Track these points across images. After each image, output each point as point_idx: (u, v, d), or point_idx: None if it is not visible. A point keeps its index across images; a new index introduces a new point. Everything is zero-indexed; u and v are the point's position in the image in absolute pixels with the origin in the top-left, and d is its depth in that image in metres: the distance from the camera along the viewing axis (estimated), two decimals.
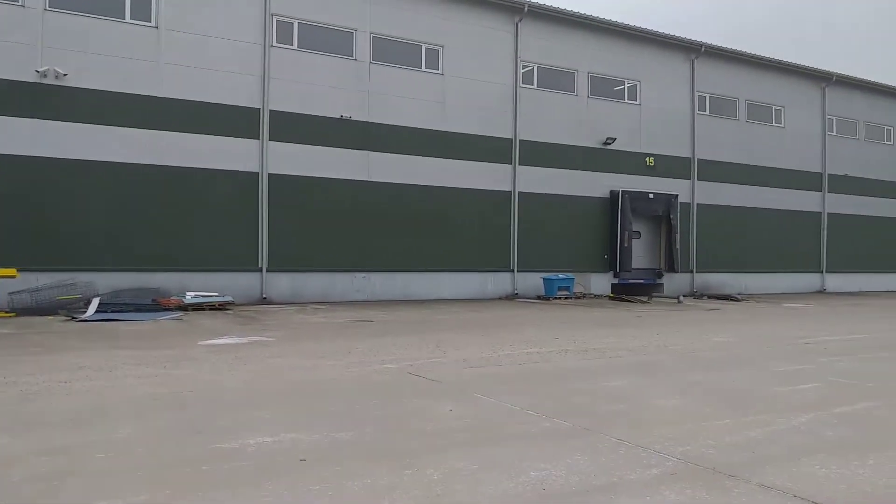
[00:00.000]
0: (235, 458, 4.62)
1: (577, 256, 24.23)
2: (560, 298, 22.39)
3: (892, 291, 31.37)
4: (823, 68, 29.87)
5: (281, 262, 18.92)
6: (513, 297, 22.79)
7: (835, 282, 30.32)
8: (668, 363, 8.97)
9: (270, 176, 18.97)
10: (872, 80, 31.68)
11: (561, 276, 22.91)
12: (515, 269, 23.03)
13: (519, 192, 23.10)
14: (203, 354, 9.24)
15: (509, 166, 22.99)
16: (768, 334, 12.81)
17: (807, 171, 29.68)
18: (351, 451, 4.84)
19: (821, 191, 30.09)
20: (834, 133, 30.65)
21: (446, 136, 21.73)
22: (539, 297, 22.66)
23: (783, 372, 8.28)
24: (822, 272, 30.14)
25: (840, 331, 13.54)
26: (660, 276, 26.08)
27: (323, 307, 17.50)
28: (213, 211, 18.16)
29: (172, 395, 6.64)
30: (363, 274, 20.10)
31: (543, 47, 23.57)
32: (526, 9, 22.64)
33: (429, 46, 21.58)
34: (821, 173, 30.10)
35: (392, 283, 20.66)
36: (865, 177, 31.38)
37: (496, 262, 22.76)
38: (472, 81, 22.21)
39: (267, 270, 18.69)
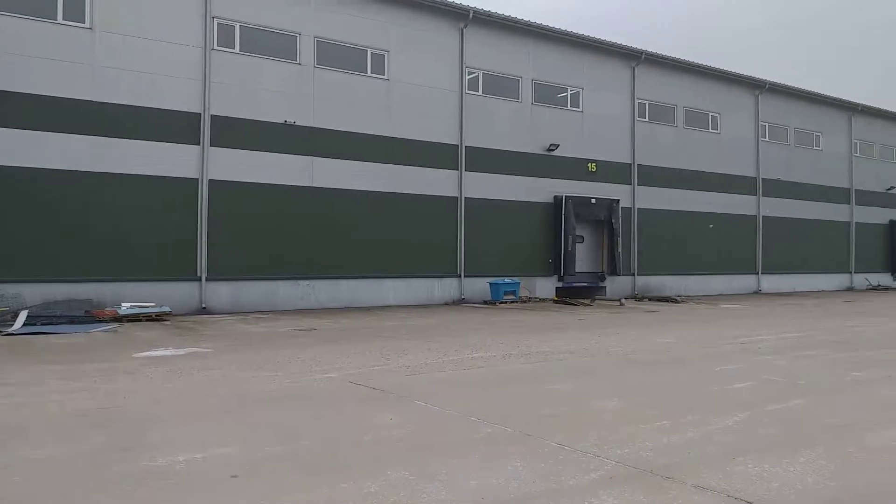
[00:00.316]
0: (162, 476, 4.41)
1: (523, 261, 24.41)
2: (506, 303, 22.50)
3: (822, 291, 32.63)
4: (757, 76, 30.94)
5: (221, 271, 18.43)
6: (460, 302, 22.77)
7: (769, 282, 31.37)
8: (609, 365, 9.05)
9: (211, 182, 18.48)
10: (802, 87, 32.98)
11: (507, 280, 23.04)
12: (462, 275, 23.03)
13: (465, 198, 23.12)
14: (137, 367, 8.87)
15: (455, 172, 23.00)
16: (706, 335, 13.11)
17: (742, 176, 30.66)
18: (286, 465, 4.68)
19: (755, 195, 31.12)
20: (767, 139, 31.75)
21: (392, 141, 21.60)
22: (485, 302, 22.72)
23: (719, 372, 8.45)
24: (757, 273, 31.14)
25: (773, 330, 13.95)
26: (602, 279, 26.50)
27: (265, 316, 17.12)
28: (150, 218, 17.56)
29: (101, 410, 6.33)
30: (307, 281, 19.76)
31: (489, 54, 23.70)
32: (471, 15, 22.72)
33: (374, 51, 21.43)
34: (755, 178, 31.13)
35: (337, 291, 20.37)
36: (796, 181, 32.60)
37: (443, 268, 22.72)
38: (418, 87, 22.15)
39: (206, 279, 18.17)
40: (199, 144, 18.33)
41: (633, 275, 27.22)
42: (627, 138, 27.11)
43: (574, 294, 25.11)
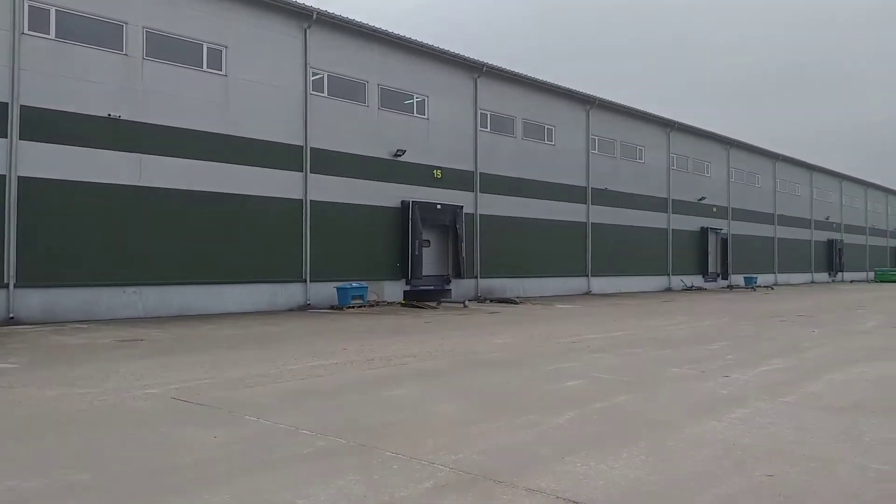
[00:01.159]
0: None
1: (371, 265, 24.15)
2: (354, 307, 22.11)
3: (644, 292, 35.43)
4: (588, 92, 32.98)
5: (33, 277, 16.45)
6: (305, 308, 22.06)
7: (598, 284, 33.51)
8: (450, 368, 9.03)
9: (21, 180, 16.45)
10: (627, 104, 35.64)
11: (354, 284, 22.66)
12: (308, 280, 22.33)
13: (311, 201, 22.46)
14: None
15: (300, 174, 22.29)
16: (542, 334, 13.59)
17: (574, 185, 32.52)
18: (88, 496, 4.08)
19: (585, 203, 33.13)
20: (596, 151, 33.95)
21: (232, 140, 20.50)
22: (333, 307, 22.19)
23: (553, 370, 8.71)
24: (587, 276, 33.14)
25: (602, 329, 14.78)
26: (448, 282, 26.91)
27: (86, 326, 15.49)
28: None
29: None
30: (134, 288, 18.16)
31: (334, 56, 23.24)
32: (315, 16, 22.15)
33: (211, 46, 20.21)
34: (585, 187, 33.15)
35: (169, 298, 18.91)
36: (621, 191, 35.17)
37: (287, 273, 21.88)
38: (259, 85, 21.20)
39: (15, 286, 16.13)
40: (6, 138, 16.27)
41: (477, 278, 27.90)
42: (471, 147, 27.77)
43: (421, 297, 25.27)
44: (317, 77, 22.86)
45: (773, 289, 41.82)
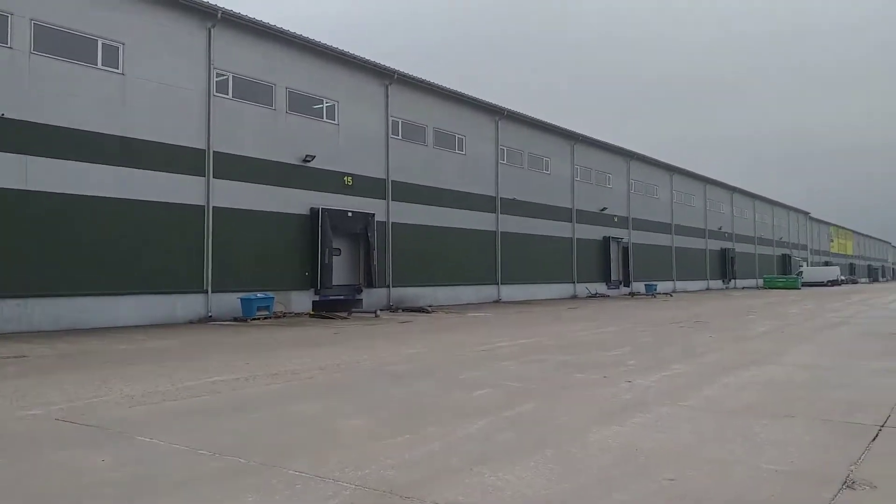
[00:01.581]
0: None
1: (279, 274, 23.50)
2: (259, 319, 21.41)
3: (552, 299, 36.32)
4: (497, 103, 33.56)
5: None
6: (207, 320, 21.17)
7: (508, 292, 34.08)
8: (359, 380, 8.85)
9: None
10: (534, 116, 36.54)
11: (260, 295, 21.96)
12: (210, 290, 21.45)
13: (214, 207, 21.63)
14: None
15: (202, 178, 21.42)
16: (453, 343, 13.61)
17: (484, 195, 32.97)
18: None
19: (495, 212, 33.65)
20: (505, 161, 34.59)
21: (129, 142, 19.47)
22: (237, 319, 21.40)
23: (463, 379, 8.69)
24: (498, 284, 33.63)
25: (511, 336, 14.96)
26: (360, 291, 26.58)
27: None
28: None
29: None
30: (18, 300, 16.85)
31: (240, 57, 22.55)
32: (219, 15, 21.42)
33: (107, 42, 19.15)
34: (495, 196, 33.68)
35: (58, 311, 17.67)
36: (529, 200, 35.97)
37: (187, 283, 20.94)
38: (159, 85, 20.26)
39: None
40: None
41: (389, 287, 27.71)
42: (382, 154, 27.62)
43: (331, 307, 24.82)
44: (221, 78, 22.10)
45: (671, 296, 43.89)
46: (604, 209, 42.84)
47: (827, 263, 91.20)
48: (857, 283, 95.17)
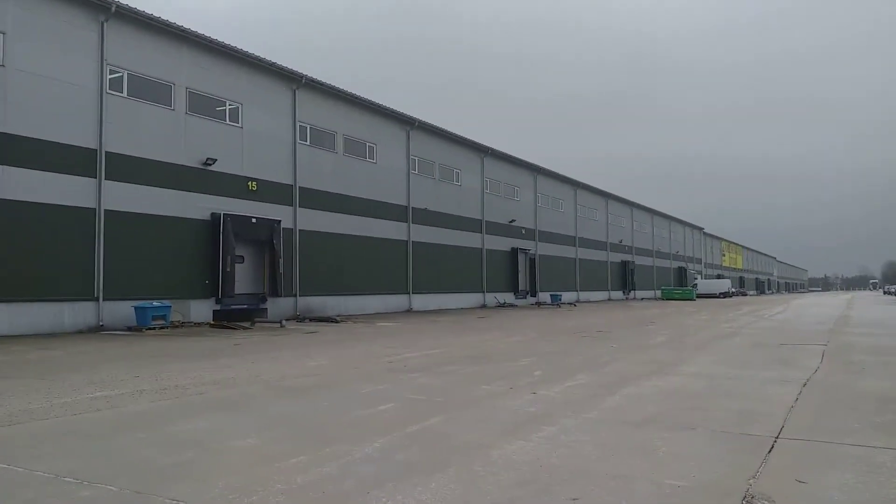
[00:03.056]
0: None
1: (176, 282, 22.30)
2: (155, 329, 20.21)
3: (462, 308, 36.42)
4: (408, 114, 33.42)
5: None
6: (97, 329, 19.78)
7: (419, 301, 33.87)
8: (255, 396, 8.32)
9: None
10: (445, 128, 36.68)
11: (156, 303, 20.75)
12: (101, 298, 20.07)
13: (106, 210, 20.30)
14: None
15: (93, 180, 20.06)
16: (359, 354, 13.19)
17: (396, 204, 32.70)
18: None
19: (406, 221, 33.43)
20: (416, 172, 34.47)
21: (8, 138, 17.98)
22: (130, 329, 20.12)
23: (367, 393, 8.34)
24: (409, 293, 33.37)
25: (420, 347, 14.70)
26: (264, 300, 25.63)
27: None
28: None
29: None
30: None
31: (136, 54, 21.33)
32: (113, 9, 20.20)
33: None
34: (406, 206, 33.47)
35: None
36: (440, 211, 35.99)
37: (75, 290, 19.50)
38: (44, 79, 18.84)
39: None
40: None
41: (296, 296, 26.90)
42: (289, 160, 26.86)
43: (234, 317, 23.77)
44: (115, 75, 20.83)
45: (575, 305, 45.06)
46: (512, 221, 43.51)
47: (719, 276, 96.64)
48: (746, 294, 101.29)
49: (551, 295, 46.63)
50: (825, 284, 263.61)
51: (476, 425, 6.53)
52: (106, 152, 20.36)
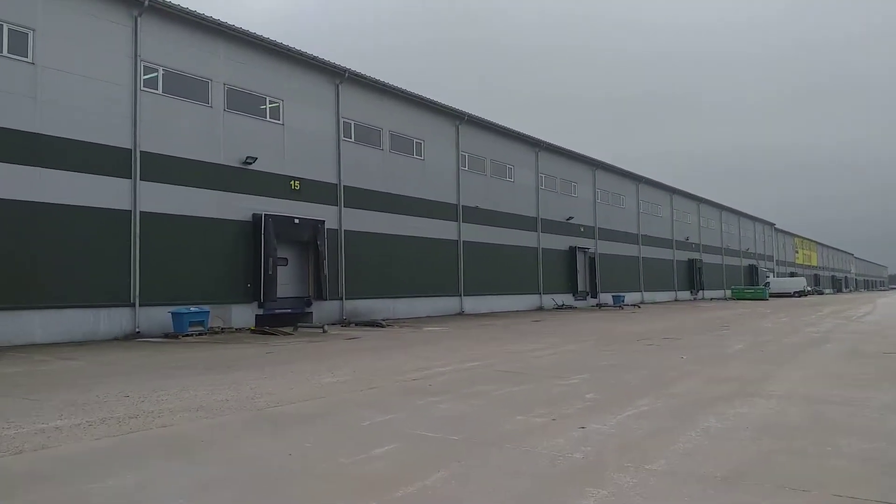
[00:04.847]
0: None
1: (216, 286, 21.18)
2: (192, 335, 19.10)
3: (517, 311, 34.36)
4: (457, 107, 31.63)
5: None
6: (134, 336, 18.80)
7: (471, 304, 32.01)
8: (230, 430, 6.65)
9: None
10: (497, 122, 34.69)
11: (193, 309, 19.63)
12: (138, 303, 19.09)
13: (142, 212, 19.32)
14: None
15: (128, 181, 19.11)
16: (387, 367, 11.47)
17: (445, 203, 30.94)
18: None
19: (456, 220, 31.62)
20: (466, 168, 32.61)
21: (40, 139, 17.16)
22: (167, 335, 19.07)
23: (368, 427, 6.57)
24: (460, 296, 31.56)
25: (457, 357, 12.89)
26: (309, 304, 24.33)
27: None
28: None
29: None
30: None
31: (171, 50, 20.32)
32: (146, 3, 19.18)
33: (13, 27, 16.87)
34: (456, 204, 31.66)
35: None
36: (492, 209, 34.01)
37: (111, 296, 18.56)
38: (77, 77, 17.97)
39: None
40: None
41: (342, 299, 25.50)
42: (333, 157, 25.48)
43: (278, 321, 22.52)
44: (150, 72, 19.84)
45: (639, 307, 42.26)
46: (570, 218, 41.10)
47: (793, 274, 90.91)
48: (822, 293, 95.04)
49: (613, 296, 43.94)
50: None
51: (494, 486, 4.66)
52: (141, 152, 19.40)
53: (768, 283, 71.90)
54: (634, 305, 43.67)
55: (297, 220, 23.63)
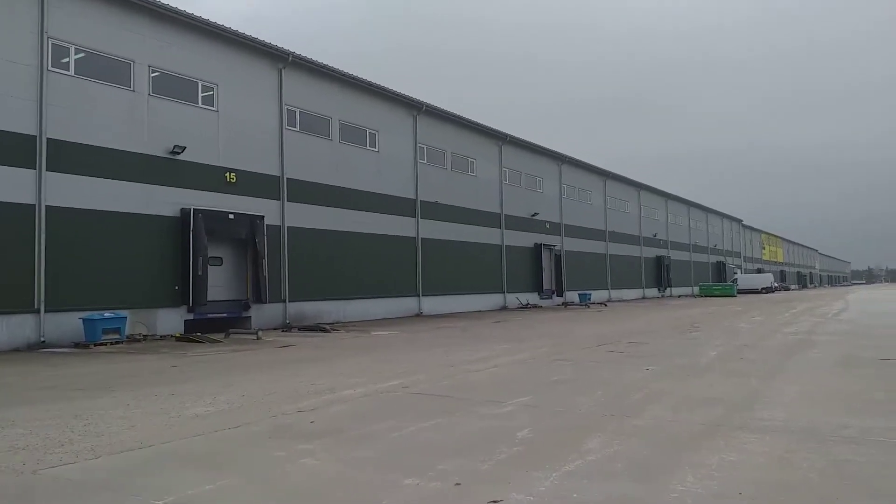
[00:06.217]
0: None
1: (140, 289, 18.67)
2: (106, 344, 16.61)
3: (479, 311, 32.16)
4: (415, 97, 29.37)
5: None
6: (39, 346, 16.26)
7: (430, 304, 29.75)
8: (70, 481, 4.35)
9: None
10: (457, 113, 32.44)
11: (108, 314, 17.13)
12: (43, 309, 16.54)
13: (48, 206, 16.79)
14: None
15: (32, 171, 16.55)
16: (285, 390, 9.13)
17: (402, 197, 28.64)
18: None
19: (415, 216, 29.34)
20: (425, 161, 30.34)
21: None
22: (78, 345, 16.57)
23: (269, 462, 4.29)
24: (418, 296, 29.30)
25: (382, 373, 10.60)
26: (247, 307, 21.87)
27: None
28: None
29: None
30: None
31: (87, 27, 17.81)
32: None
33: None
34: (414, 199, 29.38)
35: None
36: (453, 204, 31.77)
37: (9, 301, 16.00)
38: None
39: None
40: None
41: (285, 301, 23.07)
42: (275, 148, 23.04)
43: (210, 327, 20.00)
44: (60, 50, 17.28)
45: (606, 305, 40.40)
46: (535, 214, 39.02)
47: (759, 270, 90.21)
48: (788, 289, 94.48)
49: (579, 294, 42.01)
50: (869, 277, 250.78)
51: None
52: (48, 139, 16.83)
53: (736, 279, 70.76)
54: (601, 304, 41.80)
55: (232, 216, 21.18)
